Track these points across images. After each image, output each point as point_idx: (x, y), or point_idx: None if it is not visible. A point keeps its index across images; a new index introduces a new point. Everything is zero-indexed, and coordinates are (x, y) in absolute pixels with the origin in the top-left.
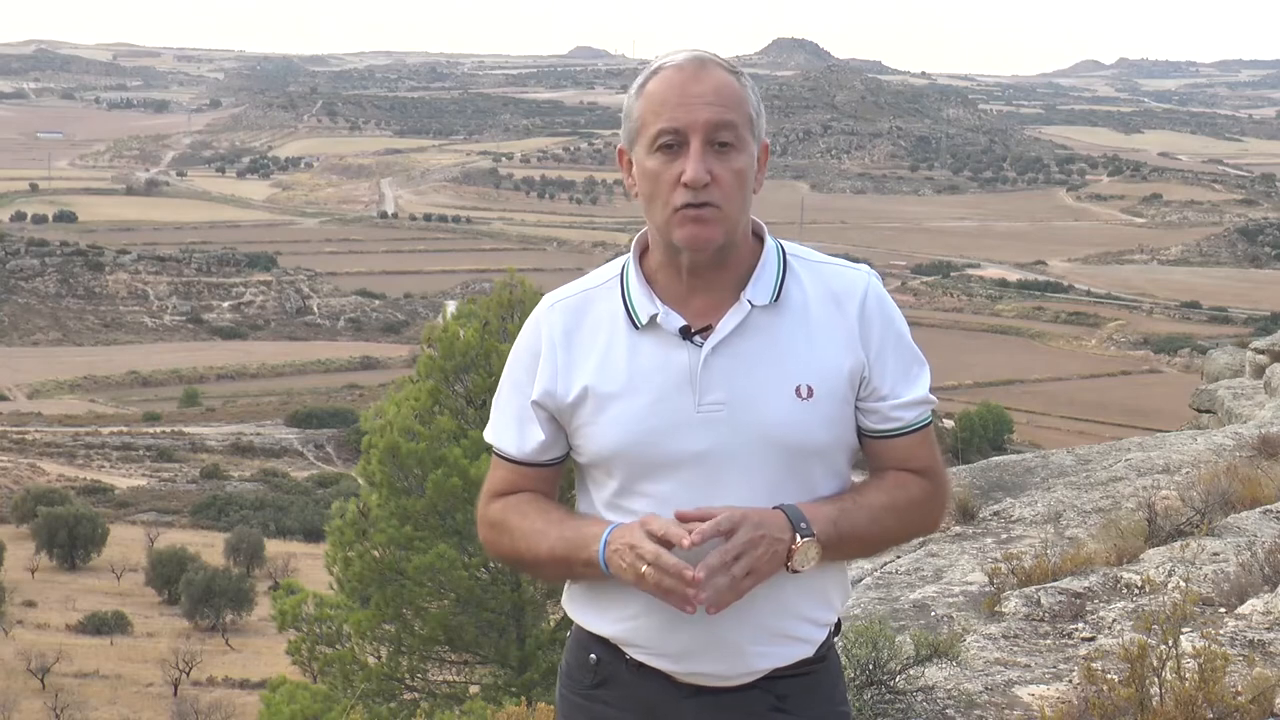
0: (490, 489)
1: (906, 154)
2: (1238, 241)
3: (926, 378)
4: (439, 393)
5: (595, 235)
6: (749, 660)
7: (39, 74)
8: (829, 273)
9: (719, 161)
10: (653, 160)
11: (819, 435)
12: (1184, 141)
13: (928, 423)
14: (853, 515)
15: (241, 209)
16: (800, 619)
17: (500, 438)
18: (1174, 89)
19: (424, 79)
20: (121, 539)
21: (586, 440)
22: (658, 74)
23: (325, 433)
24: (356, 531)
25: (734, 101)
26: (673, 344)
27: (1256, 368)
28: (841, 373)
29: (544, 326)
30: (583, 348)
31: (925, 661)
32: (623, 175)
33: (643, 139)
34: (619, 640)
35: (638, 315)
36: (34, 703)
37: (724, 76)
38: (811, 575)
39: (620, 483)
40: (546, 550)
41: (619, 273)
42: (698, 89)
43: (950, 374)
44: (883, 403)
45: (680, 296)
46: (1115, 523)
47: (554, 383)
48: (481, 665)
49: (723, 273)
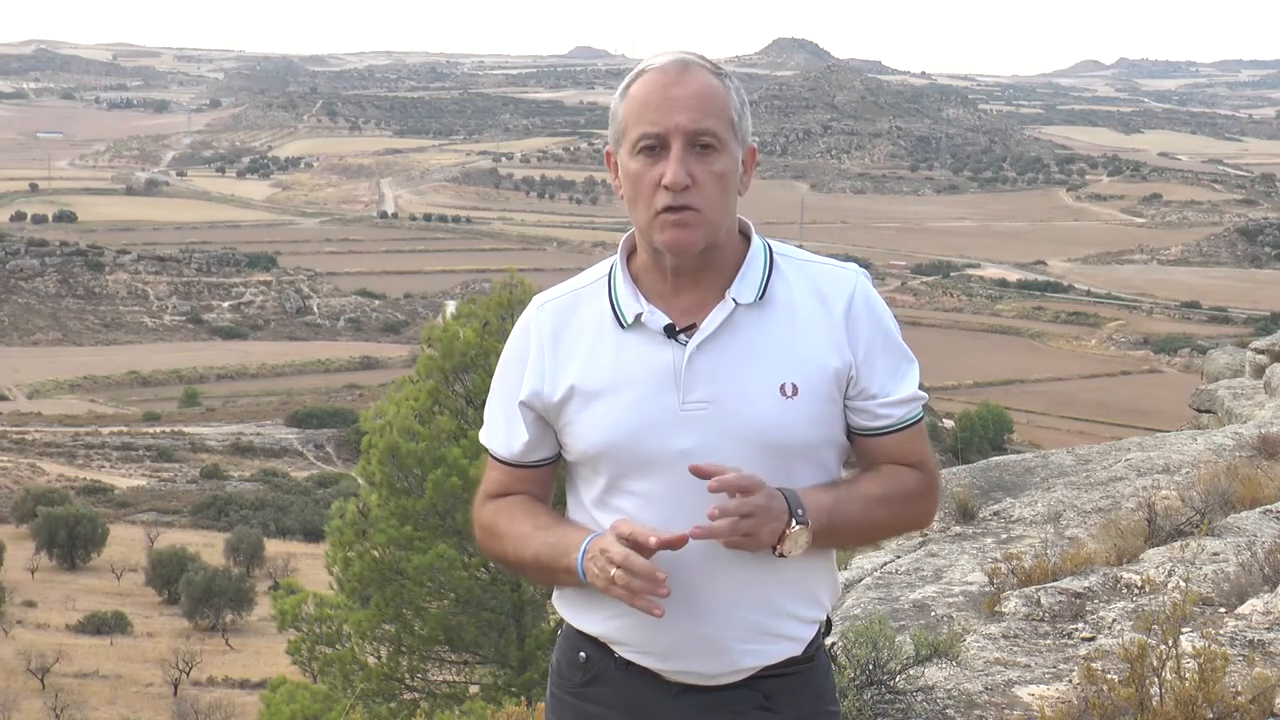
0: (485, 490)
1: (906, 154)
2: (1238, 241)
3: (915, 374)
4: (439, 393)
5: (595, 235)
6: (736, 658)
7: (39, 74)
8: (817, 272)
9: (700, 164)
10: (635, 162)
11: (803, 433)
12: (1184, 141)
13: (918, 419)
14: (847, 505)
15: (241, 209)
16: (787, 616)
17: (490, 439)
18: (1174, 89)
19: (424, 79)
20: (121, 539)
21: (573, 438)
22: (641, 76)
23: (325, 433)
24: (356, 531)
25: (715, 104)
26: (658, 342)
27: (1256, 368)
28: (827, 371)
29: (533, 328)
30: (570, 347)
31: (925, 661)
32: (610, 177)
33: (626, 141)
34: (607, 638)
35: (623, 314)
36: (34, 703)
37: (707, 79)
38: (798, 572)
39: (607, 480)
40: (531, 556)
41: (606, 273)
42: (679, 92)
43: (950, 374)
44: (872, 401)
45: (665, 295)
46: (1115, 523)
47: (542, 383)
48: (481, 665)
49: (708, 272)
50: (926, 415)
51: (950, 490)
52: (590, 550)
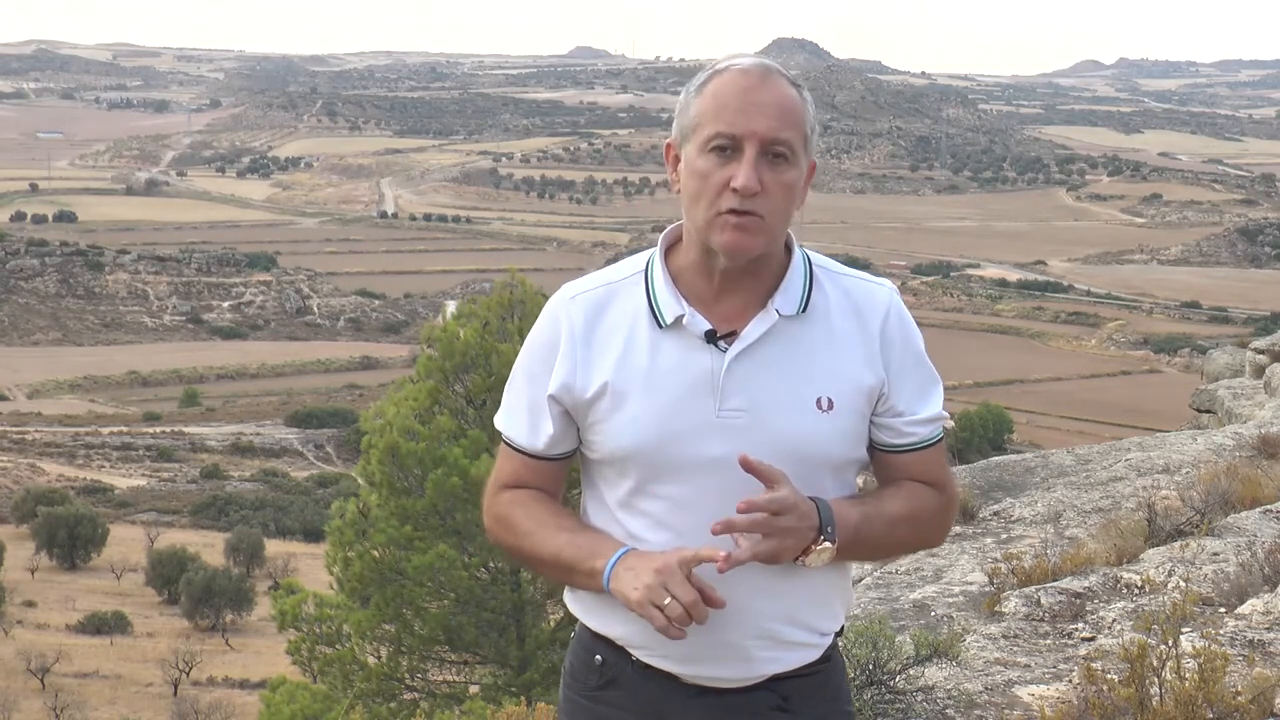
0: (498, 479)
1: (906, 154)
2: (1238, 241)
3: (940, 395)
4: (439, 393)
5: (595, 235)
6: (755, 664)
7: (39, 74)
8: (851, 285)
9: (771, 172)
10: (704, 160)
11: (835, 448)
12: (1184, 141)
13: (940, 438)
14: (873, 523)
15: (241, 209)
16: (805, 628)
17: (512, 427)
18: (1174, 89)
19: (424, 79)
20: (121, 539)
21: (603, 437)
22: (721, 75)
23: (325, 433)
24: (356, 531)
25: (794, 116)
26: (696, 346)
27: (1256, 368)
28: (861, 387)
29: (564, 319)
30: (603, 343)
31: (925, 661)
32: (668, 171)
33: (696, 138)
34: (625, 641)
35: (662, 314)
36: (34, 703)
37: (787, 89)
38: (819, 584)
39: (634, 483)
40: (552, 552)
41: (643, 268)
42: (760, 97)
43: (950, 374)
44: (899, 419)
45: (707, 299)
46: (1115, 523)
47: (573, 376)
48: (481, 665)
49: (752, 280)
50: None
51: None
52: (630, 563)
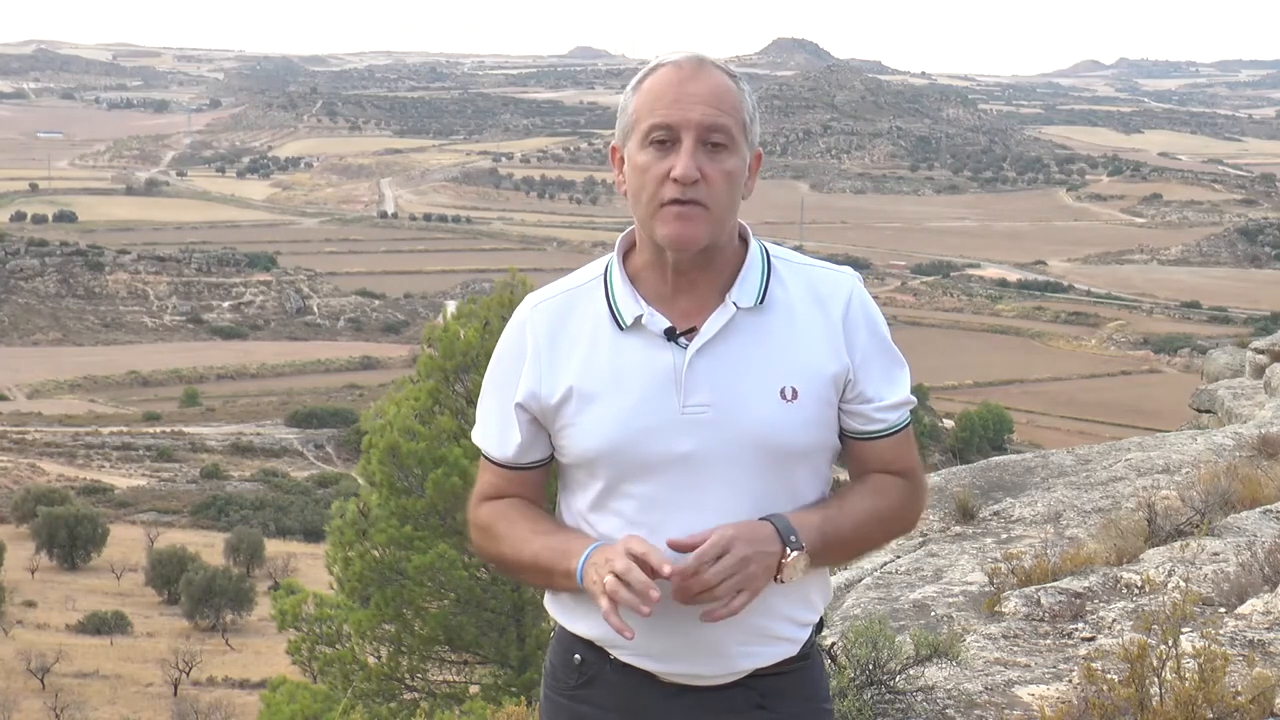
0: (479, 492)
1: (906, 154)
2: (1238, 241)
3: (907, 379)
4: (439, 392)
5: (595, 235)
6: (733, 661)
7: (39, 74)
8: (813, 275)
9: (711, 161)
10: (644, 155)
11: (803, 437)
12: (1184, 141)
13: (908, 424)
14: (838, 522)
15: (241, 209)
16: (783, 619)
17: (484, 438)
18: (1174, 89)
19: (424, 79)
20: (121, 539)
21: (570, 441)
22: (655, 71)
23: (325, 433)
24: (356, 531)
25: (729, 104)
26: (657, 345)
27: (1256, 368)
28: (825, 375)
29: (528, 328)
30: (566, 348)
31: (925, 661)
32: (614, 173)
33: (636, 134)
34: (603, 641)
35: (622, 316)
36: (34, 703)
37: (722, 79)
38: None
39: (605, 484)
40: (530, 558)
41: (602, 272)
42: (694, 88)
43: (950, 374)
44: (867, 405)
45: (665, 297)
46: (1115, 523)
47: (539, 384)
48: (481, 665)
49: (708, 274)
50: (926, 415)
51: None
52: (593, 557)
